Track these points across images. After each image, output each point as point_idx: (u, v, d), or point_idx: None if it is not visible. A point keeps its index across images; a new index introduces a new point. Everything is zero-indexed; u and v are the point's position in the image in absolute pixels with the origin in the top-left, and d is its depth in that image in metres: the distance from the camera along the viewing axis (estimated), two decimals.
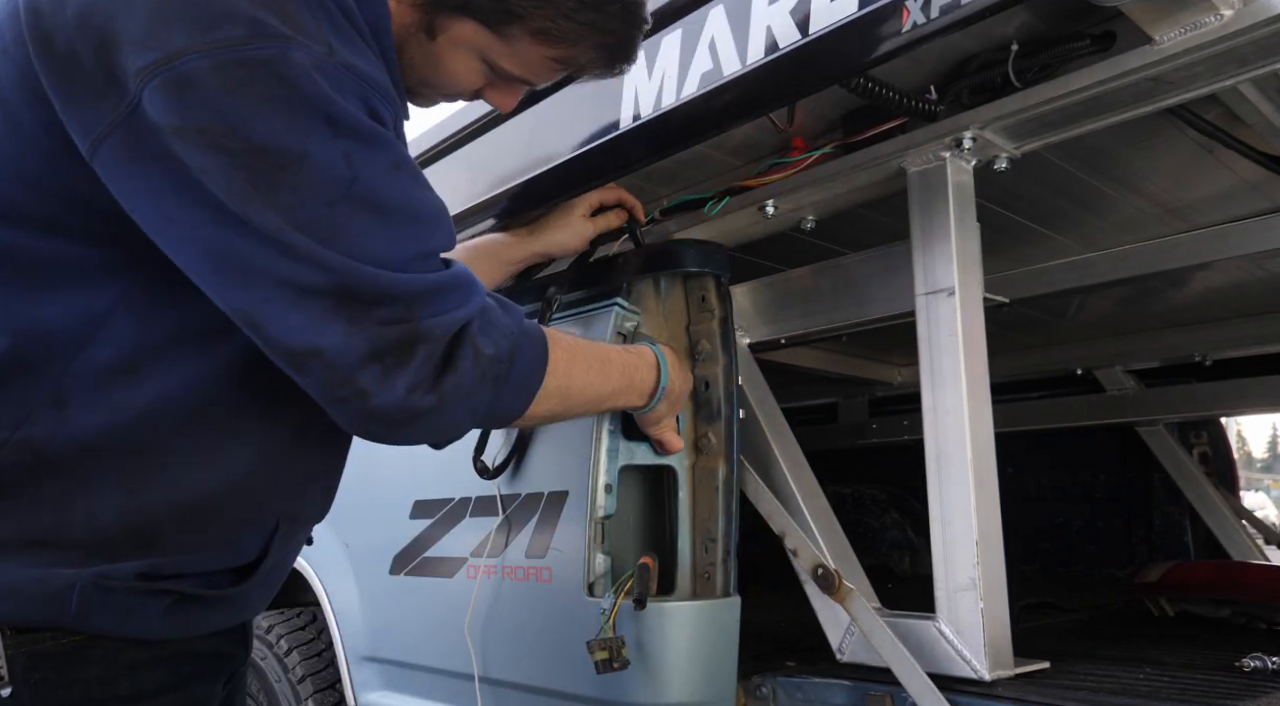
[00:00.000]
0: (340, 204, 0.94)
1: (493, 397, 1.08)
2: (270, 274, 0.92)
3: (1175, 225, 2.05)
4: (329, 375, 0.96)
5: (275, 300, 0.93)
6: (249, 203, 0.90)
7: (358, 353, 0.95)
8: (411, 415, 1.00)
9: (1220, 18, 1.14)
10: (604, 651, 1.38)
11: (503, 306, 1.11)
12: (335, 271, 0.93)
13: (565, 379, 1.19)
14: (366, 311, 0.95)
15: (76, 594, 0.96)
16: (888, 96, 1.39)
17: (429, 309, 0.99)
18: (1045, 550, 3.35)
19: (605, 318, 1.64)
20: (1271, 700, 1.38)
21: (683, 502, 1.59)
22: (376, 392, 0.97)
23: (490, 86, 1.24)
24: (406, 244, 1.00)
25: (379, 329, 0.95)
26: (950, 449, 1.42)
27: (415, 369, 0.98)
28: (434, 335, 0.99)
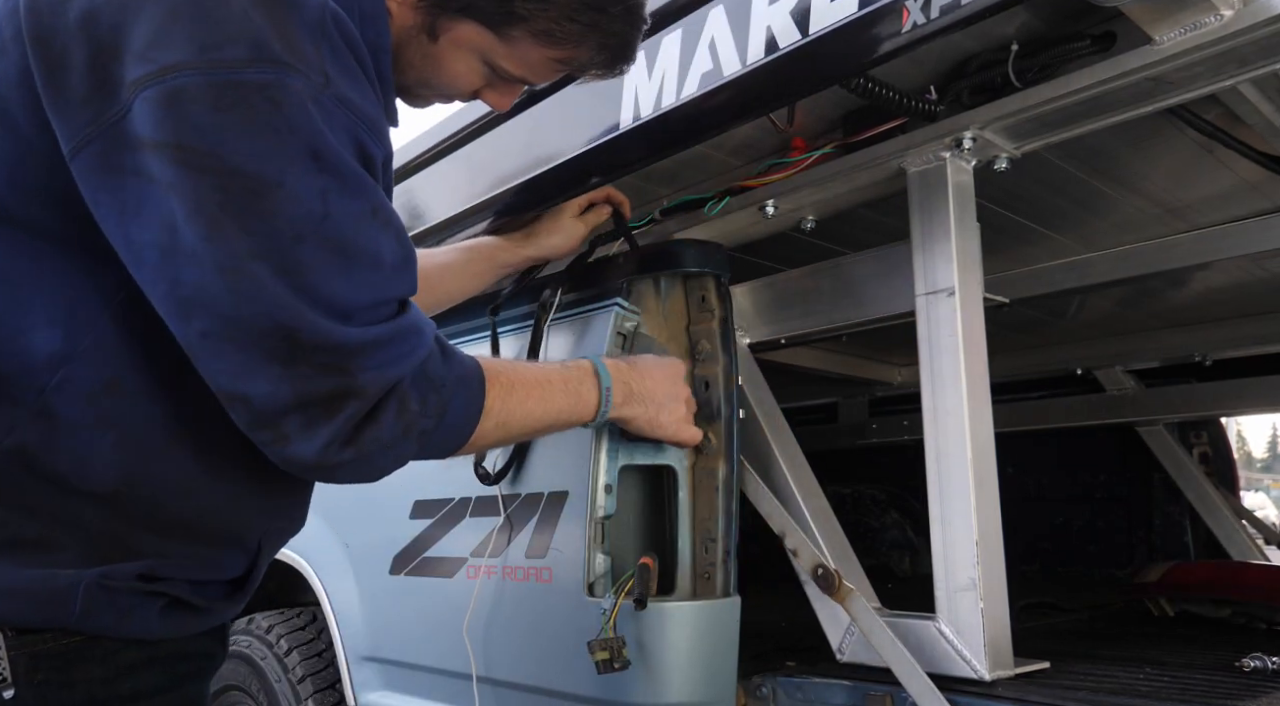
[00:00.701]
0: (307, 240, 0.93)
1: (419, 448, 1.08)
2: (212, 309, 0.91)
3: (1175, 225, 2.05)
4: (252, 418, 0.95)
5: (212, 337, 0.92)
6: (215, 225, 0.89)
7: (284, 401, 0.94)
8: (329, 466, 1.00)
9: (1220, 18, 1.14)
10: (605, 651, 1.38)
11: (444, 353, 1.10)
12: (281, 311, 0.92)
13: (503, 415, 1.18)
14: (303, 357, 0.93)
15: (80, 593, 0.96)
16: (888, 96, 1.39)
17: (367, 363, 0.97)
18: (1045, 550, 3.35)
19: (605, 318, 1.64)
20: (1271, 700, 1.38)
21: (683, 502, 1.59)
22: (296, 440, 0.96)
23: (489, 87, 1.24)
24: (363, 290, 0.98)
25: (310, 380, 0.94)
26: (950, 449, 1.42)
27: (339, 423, 0.97)
28: (366, 392, 0.98)
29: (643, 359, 1.50)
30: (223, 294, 0.90)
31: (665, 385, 1.48)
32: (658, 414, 1.46)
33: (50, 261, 0.96)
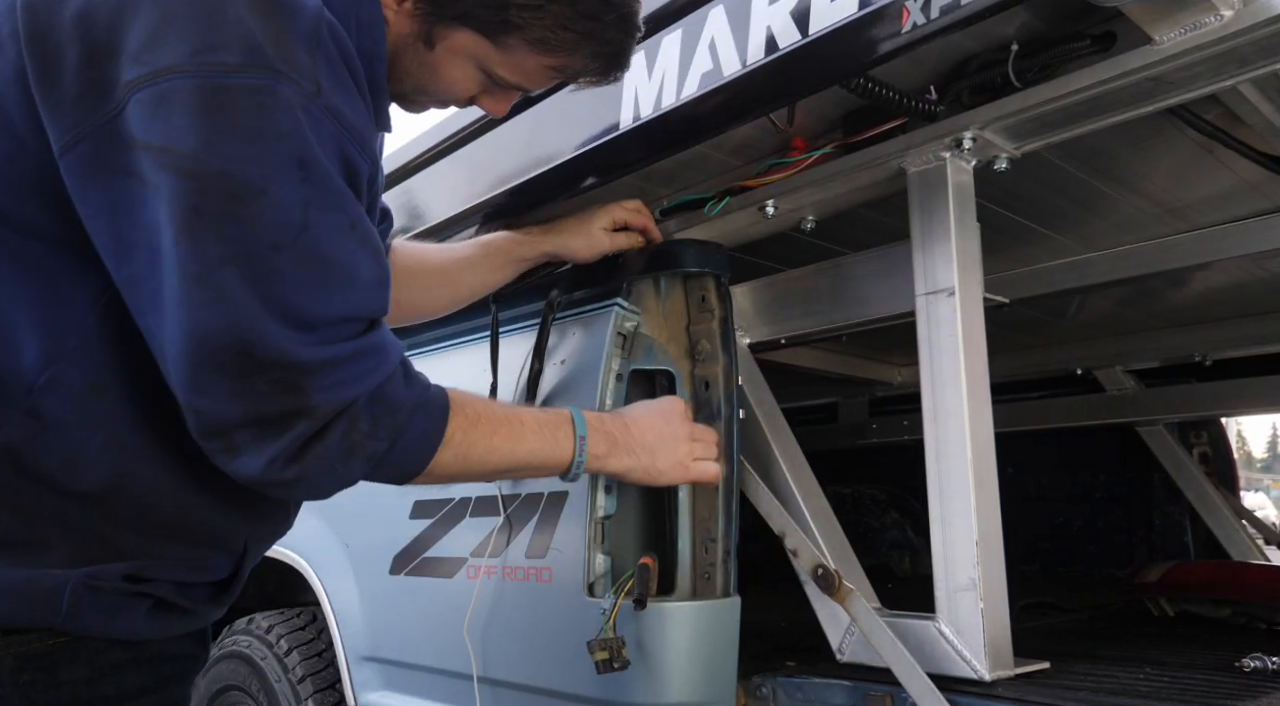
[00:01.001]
0: (285, 250, 0.93)
1: (368, 470, 1.07)
2: (175, 317, 0.91)
3: (1175, 225, 2.05)
4: (203, 428, 0.95)
5: (172, 343, 0.92)
6: (189, 229, 0.89)
7: (232, 417, 0.94)
8: (272, 482, 0.99)
9: (1220, 18, 1.14)
10: (604, 651, 1.38)
11: (407, 377, 1.09)
12: (239, 324, 0.91)
13: (464, 448, 1.16)
14: (258, 372, 0.93)
15: (68, 594, 0.96)
16: (888, 96, 1.39)
17: (321, 382, 0.97)
18: (1045, 550, 3.35)
19: (605, 318, 1.64)
20: (1271, 700, 1.38)
21: (683, 502, 1.59)
22: (245, 453, 0.96)
23: (485, 93, 1.24)
24: (334, 305, 0.98)
25: (263, 396, 0.94)
26: (950, 449, 1.42)
27: (286, 441, 0.96)
28: (317, 412, 0.97)
29: (632, 408, 1.47)
30: (185, 300, 0.90)
31: (657, 428, 1.41)
32: (653, 461, 1.40)
33: (39, 262, 0.96)
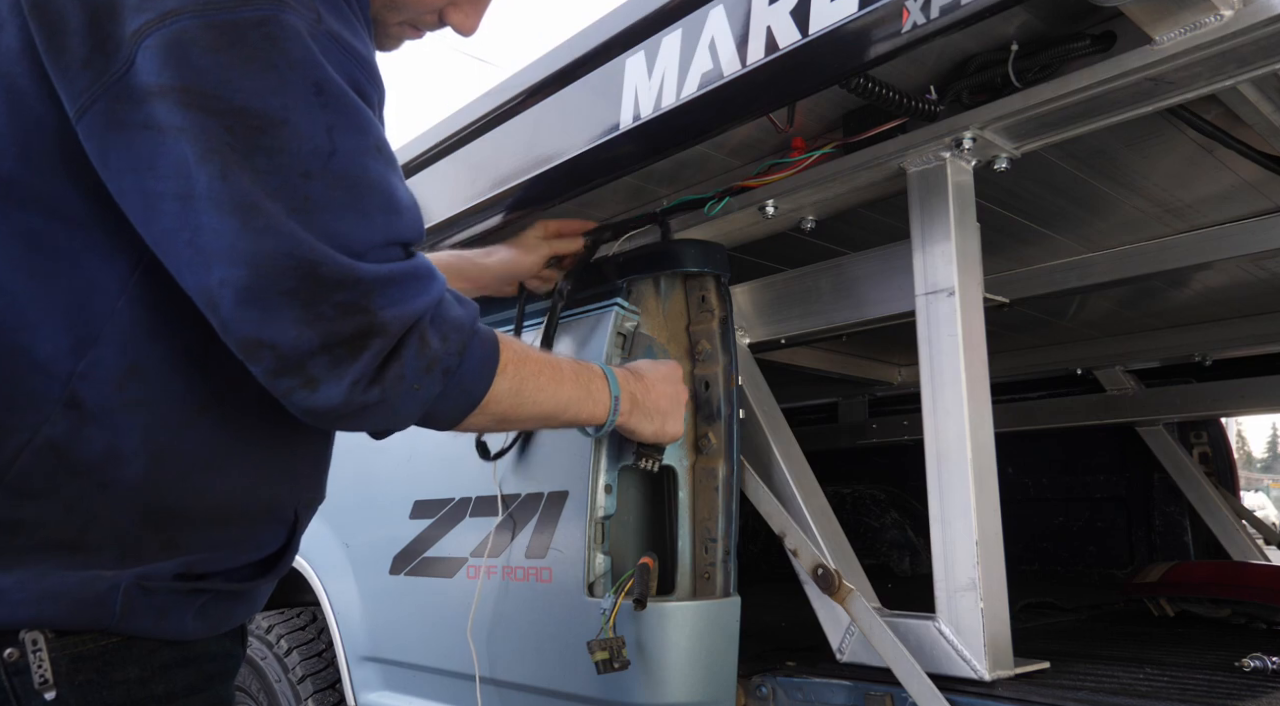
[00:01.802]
0: (316, 177, 0.92)
1: (441, 392, 1.05)
2: (232, 252, 0.89)
3: (1175, 225, 2.05)
4: (279, 365, 0.93)
5: (232, 284, 0.90)
6: (226, 164, 0.88)
7: (310, 344, 0.92)
8: (356, 408, 0.97)
9: (1220, 18, 1.14)
10: (604, 651, 1.38)
11: (459, 301, 1.08)
12: (299, 248, 0.90)
13: (516, 381, 1.16)
14: (324, 296, 0.92)
15: (120, 596, 0.95)
16: (888, 96, 1.39)
17: (387, 299, 0.96)
18: (1045, 550, 3.36)
19: (605, 318, 1.64)
20: (1271, 700, 1.38)
21: (683, 502, 1.59)
22: (324, 384, 0.94)
23: (453, 5, 1.21)
24: (375, 229, 0.97)
25: (333, 319, 0.93)
26: (950, 449, 1.42)
27: (364, 362, 0.95)
28: (389, 329, 0.96)
29: (642, 367, 1.49)
30: (240, 234, 0.89)
31: (669, 394, 1.48)
32: (664, 425, 1.47)
33: (67, 244, 0.94)
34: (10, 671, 0.90)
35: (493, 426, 1.20)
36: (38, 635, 0.91)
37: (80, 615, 0.94)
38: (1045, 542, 3.36)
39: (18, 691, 0.90)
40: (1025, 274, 2.27)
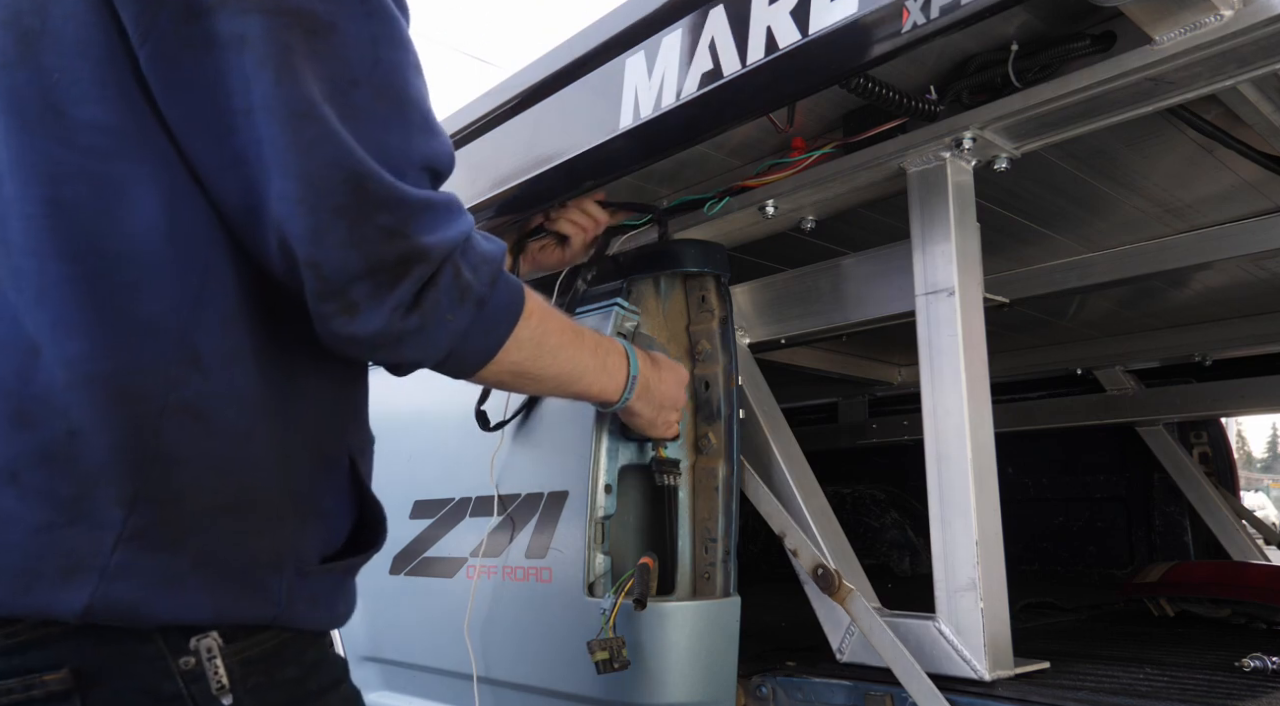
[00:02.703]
0: (363, 86, 0.91)
1: (470, 323, 1.03)
2: (286, 162, 0.87)
3: (1175, 225, 2.05)
4: (321, 287, 0.91)
5: (287, 198, 0.88)
6: (281, 68, 0.87)
7: (354, 268, 0.90)
8: (395, 335, 0.96)
9: (1220, 18, 1.14)
10: (604, 651, 1.38)
11: (485, 237, 1.07)
12: (349, 158, 0.89)
13: (540, 331, 1.14)
14: (369, 216, 0.90)
15: (284, 584, 0.94)
16: (888, 96, 1.39)
17: (426, 225, 0.94)
18: (1045, 550, 3.36)
19: (605, 318, 1.64)
20: (1271, 700, 1.38)
21: (683, 502, 1.59)
22: (364, 309, 0.92)
23: None
24: (415, 148, 0.96)
25: (377, 243, 0.91)
26: (950, 449, 1.42)
27: (405, 288, 0.93)
28: (431, 256, 0.95)
29: (661, 358, 1.49)
30: (293, 143, 0.87)
31: (673, 394, 1.48)
32: (655, 418, 1.47)
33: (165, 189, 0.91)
34: (187, 679, 0.88)
35: (508, 381, 1.17)
36: (212, 642, 0.89)
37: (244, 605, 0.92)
38: (1045, 542, 3.36)
39: (195, 698, 0.89)
40: (1025, 274, 2.27)
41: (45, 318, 0.87)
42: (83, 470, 0.85)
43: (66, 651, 0.85)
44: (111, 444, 0.86)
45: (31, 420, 0.85)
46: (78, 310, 0.87)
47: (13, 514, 0.84)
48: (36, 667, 0.84)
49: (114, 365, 0.87)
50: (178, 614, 0.88)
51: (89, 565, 0.84)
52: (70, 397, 0.85)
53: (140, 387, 0.87)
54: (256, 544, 0.93)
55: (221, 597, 0.90)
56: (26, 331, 0.87)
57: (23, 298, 0.87)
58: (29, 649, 0.84)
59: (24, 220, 0.88)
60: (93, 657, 0.85)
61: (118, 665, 0.86)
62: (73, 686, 0.84)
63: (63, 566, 0.83)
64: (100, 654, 0.85)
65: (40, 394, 0.85)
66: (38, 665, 0.84)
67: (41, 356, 0.86)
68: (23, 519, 0.84)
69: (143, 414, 0.87)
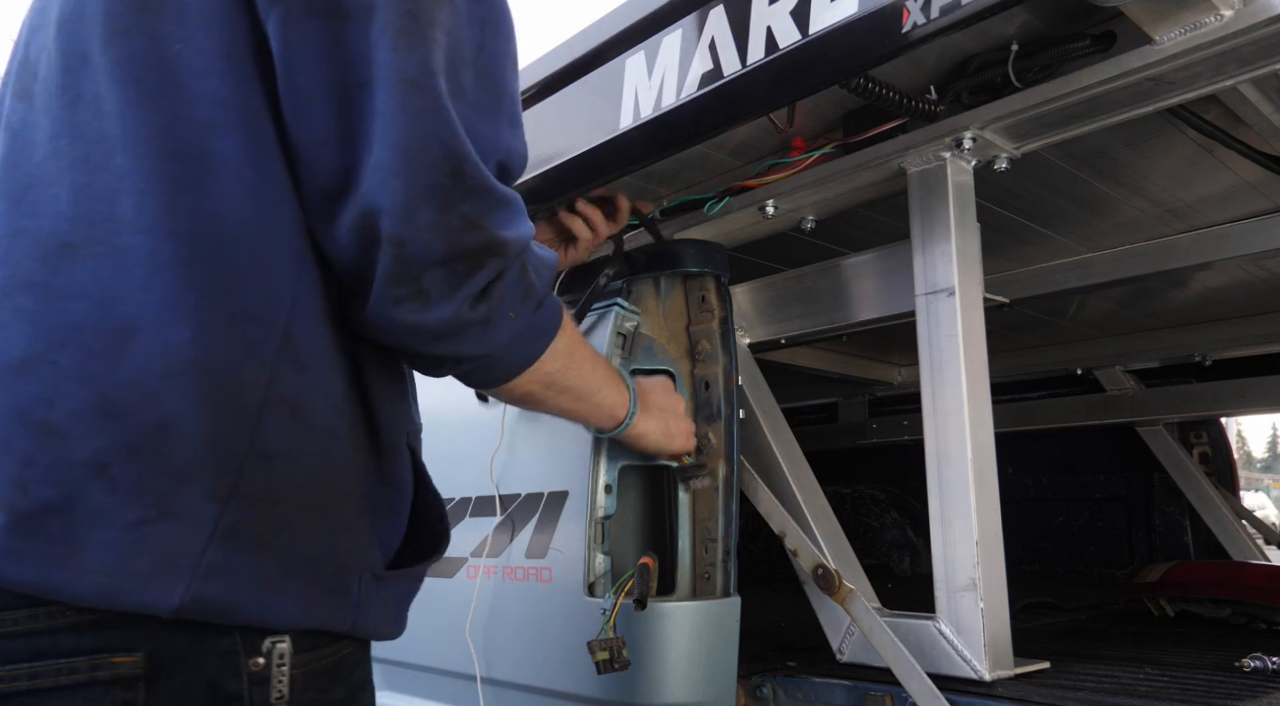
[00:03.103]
0: (469, 67, 0.91)
1: (526, 324, 1.02)
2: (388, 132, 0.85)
3: (1175, 225, 2.05)
4: (399, 269, 0.88)
5: (383, 168, 0.85)
6: (409, 33, 0.86)
7: (435, 253, 0.88)
8: (463, 325, 0.94)
9: (1220, 18, 1.14)
10: (605, 652, 1.38)
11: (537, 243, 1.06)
12: (450, 136, 0.87)
13: (571, 342, 1.14)
14: (457, 202, 0.88)
15: (362, 588, 0.93)
16: (888, 96, 1.39)
17: (502, 220, 0.92)
18: (1045, 550, 3.35)
19: (605, 318, 1.64)
20: (1271, 700, 1.38)
21: (683, 502, 1.59)
22: (435, 299, 0.90)
23: None
24: (501, 140, 0.95)
25: (459, 231, 0.89)
26: (950, 449, 1.42)
27: (478, 280, 0.92)
28: (508, 250, 0.93)
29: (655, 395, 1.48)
30: (399, 109, 0.85)
31: (667, 398, 1.48)
32: (667, 427, 1.46)
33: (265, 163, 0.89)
34: (252, 681, 0.86)
35: (536, 391, 1.15)
36: (285, 648, 0.87)
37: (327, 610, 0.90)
38: (1045, 542, 3.36)
39: (254, 702, 0.86)
40: (1025, 274, 2.27)
41: (152, 300, 0.83)
42: (174, 463, 0.82)
43: (141, 636, 0.81)
44: (207, 436, 0.83)
45: (119, 410, 0.81)
46: (186, 293, 0.83)
47: (103, 508, 0.80)
48: (109, 648, 0.80)
49: (216, 354, 0.84)
50: (266, 616, 0.86)
51: (182, 563, 0.81)
52: (165, 387, 0.82)
53: (242, 379, 0.84)
54: (340, 545, 0.92)
55: (307, 600, 0.89)
56: (120, 313, 0.82)
57: (125, 277, 0.83)
58: (101, 628, 0.81)
59: (138, 196, 0.84)
60: (167, 645, 0.82)
61: (190, 656, 0.83)
62: (142, 673, 0.81)
63: (155, 563, 0.80)
64: (176, 642, 0.82)
65: (129, 382, 0.81)
66: (112, 645, 0.80)
67: (135, 341, 0.82)
68: (114, 513, 0.80)
69: (242, 406, 0.84)
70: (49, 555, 0.79)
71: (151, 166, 0.85)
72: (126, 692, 0.80)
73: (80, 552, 0.79)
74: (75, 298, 0.83)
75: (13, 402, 0.82)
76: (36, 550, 0.79)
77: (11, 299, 0.85)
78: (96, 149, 0.86)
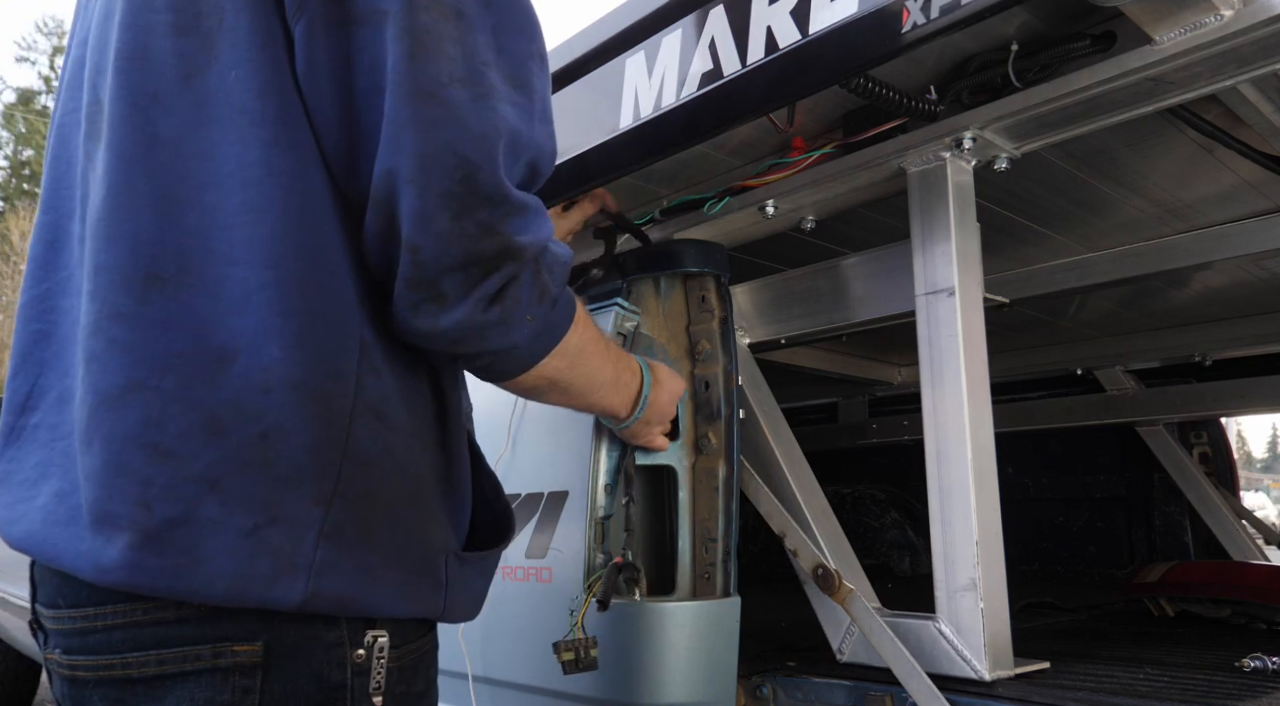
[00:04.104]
0: (491, 69, 0.92)
1: (541, 324, 1.04)
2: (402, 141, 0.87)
3: (1175, 225, 2.05)
4: (416, 274, 0.90)
5: (398, 175, 0.88)
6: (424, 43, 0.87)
7: (451, 259, 0.90)
8: (478, 327, 0.96)
9: (1220, 18, 1.14)
10: (570, 652, 1.38)
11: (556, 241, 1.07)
12: (465, 144, 0.89)
13: (583, 338, 1.15)
14: (472, 209, 0.90)
15: (447, 568, 0.97)
16: (888, 96, 1.39)
17: (519, 225, 0.94)
18: (1045, 550, 3.36)
19: (605, 318, 1.64)
20: (1272, 700, 1.38)
21: (683, 502, 1.59)
22: (452, 301, 0.93)
23: None
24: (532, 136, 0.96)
25: (475, 238, 0.91)
26: (950, 449, 1.42)
27: (493, 283, 0.94)
28: (524, 254, 0.95)
29: (661, 372, 1.47)
30: (413, 119, 0.87)
31: (667, 409, 1.47)
32: (640, 430, 1.46)
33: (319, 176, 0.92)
34: (355, 671, 0.91)
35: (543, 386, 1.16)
36: (385, 641, 0.92)
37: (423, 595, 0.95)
38: (1045, 542, 3.36)
39: (355, 693, 0.91)
40: (1025, 274, 2.27)
41: (247, 324, 0.88)
42: (279, 472, 0.87)
43: (259, 627, 0.87)
44: (307, 445, 0.88)
45: (223, 426, 0.86)
46: (276, 315, 0.88)
47: (218, 519, 0.85)
48: (230, 638, 0.86)
49: (309, 369, 0.89)
50: (375, 604, 0.91)
51: (297, 563, 0.86)
52: (266, 402, 0.87)
53: (334, 389, 0.90)
54: (428, 532, 0.97)
55: (405, 588, 0.94)
56: (216, 342, 0.87)
57: (218, 307, 0.88)
58: (223, 619, 0.86)
59: (226, 230, 0.89)
60: (281, 636, 0.87)
61: (301, 647, 0.88)
62: (260, 661, 0.86)
63: (275, 565, 0.85)
64: (289, 634, 0.88)
65: (230, 400, 0.86)
66: (232, 635, 0.86)
67: (236, 364, 0.87)
68: (228, 524, 0.85)
69: (335, 414, 0.89)
70: (180, 566, 0.84)
71: (238, 199, 0.89)
72: (245, 679, 0.86)
73: (207, 561, 0.84)
74: (168, 326, 0.87)
75: (123, 428, 0.86)
76: (168, 563, 0.84)
77: (104, 332, 0.89)
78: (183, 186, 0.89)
